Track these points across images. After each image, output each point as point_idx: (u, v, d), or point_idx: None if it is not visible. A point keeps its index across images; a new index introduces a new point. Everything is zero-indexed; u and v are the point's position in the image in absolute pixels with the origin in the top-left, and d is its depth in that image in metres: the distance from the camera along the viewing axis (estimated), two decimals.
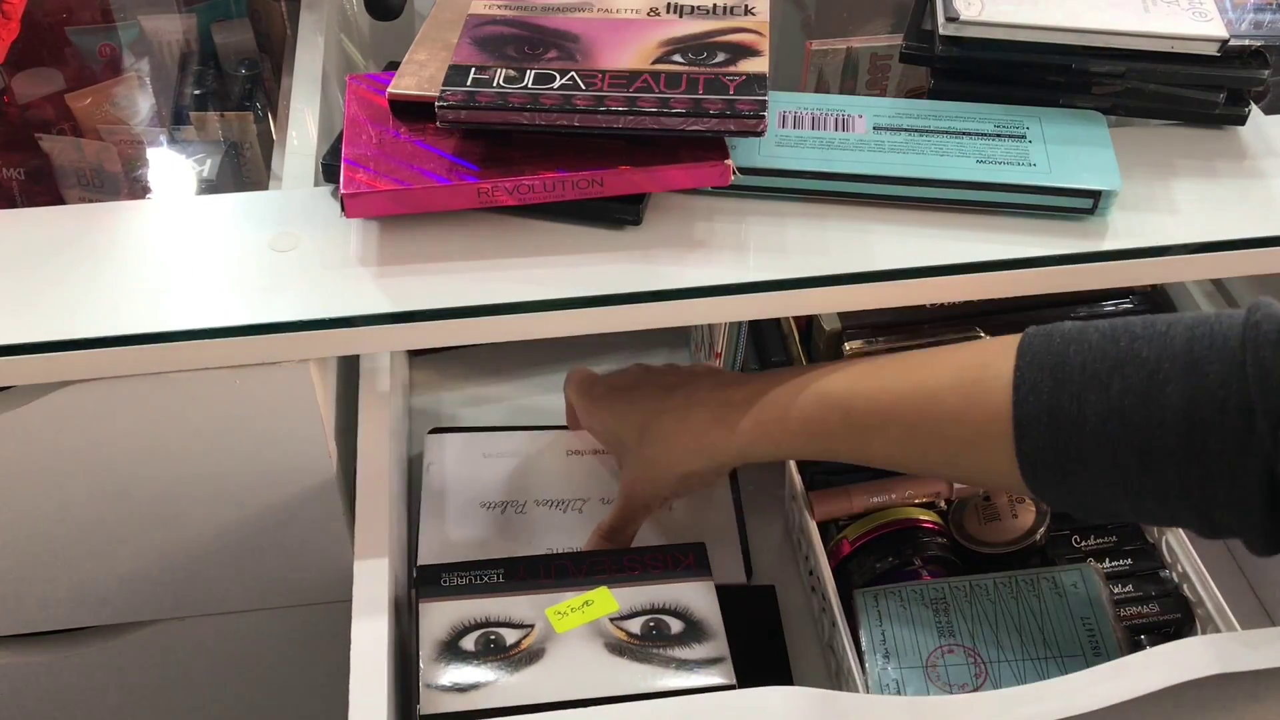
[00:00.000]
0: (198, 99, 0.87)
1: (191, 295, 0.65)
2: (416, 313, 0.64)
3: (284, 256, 0.68)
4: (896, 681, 0.68)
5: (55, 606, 0.80)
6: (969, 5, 0.71)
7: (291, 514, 0.76)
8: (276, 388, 0.68)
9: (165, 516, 0.75)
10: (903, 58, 0.75)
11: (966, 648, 0.69)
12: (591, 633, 0.66)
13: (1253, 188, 0.72)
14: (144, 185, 0.81)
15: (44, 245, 0.68)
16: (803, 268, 0.66)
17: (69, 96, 0.82)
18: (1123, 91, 0.73)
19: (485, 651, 0.64)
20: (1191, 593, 0.73)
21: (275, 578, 0.80)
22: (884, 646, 0.69)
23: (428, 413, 0.94)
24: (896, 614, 0.70)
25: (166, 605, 0.81)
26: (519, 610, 0.66)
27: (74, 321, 0.63)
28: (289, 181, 0.76)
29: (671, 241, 0.68)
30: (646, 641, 0.65)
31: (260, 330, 0.64)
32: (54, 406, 0.67)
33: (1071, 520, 0.77)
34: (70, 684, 0.86)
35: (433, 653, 0.64)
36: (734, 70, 0.66)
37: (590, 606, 0.67)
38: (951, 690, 0.67)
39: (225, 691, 0.89)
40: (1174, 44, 0.70)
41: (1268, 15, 0.73)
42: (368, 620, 0.64)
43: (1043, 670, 0.67)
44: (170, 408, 0.68)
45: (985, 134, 0.70)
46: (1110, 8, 0.72)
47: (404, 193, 0.65)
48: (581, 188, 0.66)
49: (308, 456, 0.72)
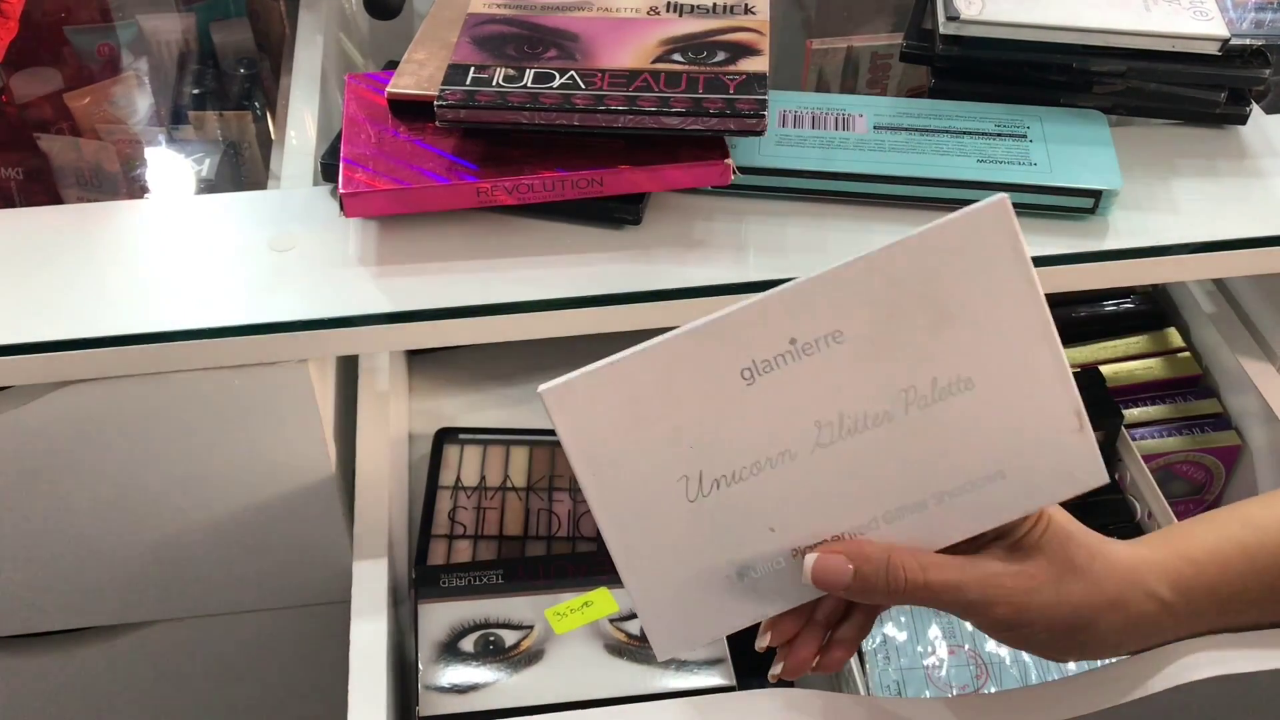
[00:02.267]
0: (196, 98, 0.87)
1: (190, 295, 0.65)
2: (415, 313, 0.64)
3: (283, 256, 0.67)
4: (897, 683, 0.67)
5: (55, 606, 0.80)
6: (969, 4, 0.71)
7: (290, 514, 0.76)
8: (275, 388, 0.68)
9: (164, 516, 0.75)
10: (903, 57, 0.75)
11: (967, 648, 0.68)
12: (591, 634, 0.65)
13: (1254, 187, 0.72)
14: (142, 185, 0.81)
15: (42, 245, 0.68)
16: (802, 268, 0.66)
17: (67, 96, 0.82)
18: (1123, 91, 0.73)
19: (485, 653, 0.64)
20: None
21: (274, 578, 0.80)
22: (884, 647, 0.69)
23: (427, 413, 0.94)
24: (897, 615, 0.70)
25: (166, 605, 0.81)
26: (518, 611, 0.66)
27: (73, 321, 0.63)
28: (288, 181, 0.76)
29: (671, 241, 0.68)
30: (645, 642, 0.65)
31: (259, 330, 0.63)
32: (53, 406, 0.67)
33: None
34: (70, 684, 0.86)
35: (432, 654, 0.64)
36: (734, 69, 0.66)
37: (590, 607, 0.66)
38: (952, 691, 0.67)
39: (224, 692, 0.89)
40: (1175, 43, 0.70)
41: (1269, 14, 0.73)
42: (367, 621, 0.64)
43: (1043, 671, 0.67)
44: (169, 408, 0.68)
45: (986, 133, 0.70)
46: (1111, 7, 0.72)
47: (403, 192, 0.65)
48: (581, 187, 0.66)
49: (307, 457, 0.72)
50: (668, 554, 0.48)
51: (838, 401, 0.47)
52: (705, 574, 0.49)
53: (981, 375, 0.47)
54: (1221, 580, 0.53)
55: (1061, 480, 0.49)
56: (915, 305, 0.46)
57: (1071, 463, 0.49)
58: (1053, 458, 0.49)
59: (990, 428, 0.48)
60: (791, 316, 0.46)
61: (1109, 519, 0.77)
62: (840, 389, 0.47)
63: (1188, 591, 0.53)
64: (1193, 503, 0.88)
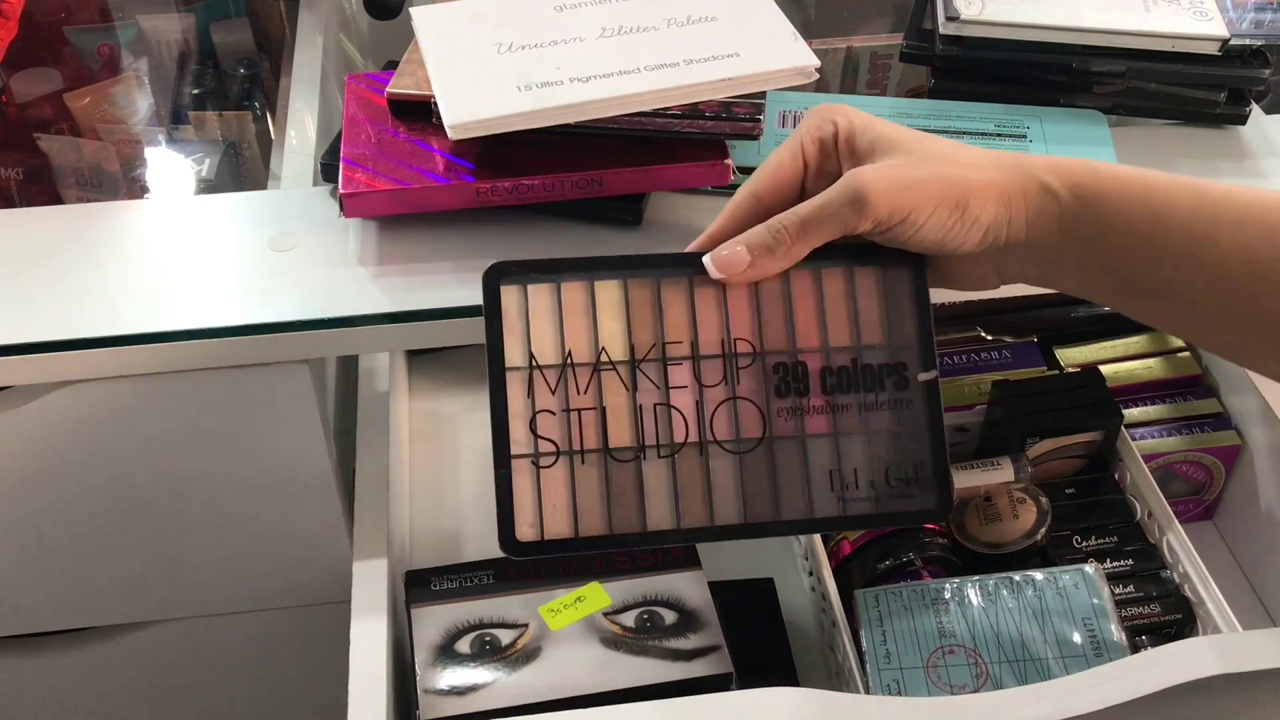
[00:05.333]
0: (196, 98, 0.87)
1: (190, 295, 0.65)
2: (415, 313, 0.64)
3: (282, 256, 0.67)
4: (897, 682, 0.67)
5: (55, 606, 0.80)
6: (969, 4, 0.71)
7: (290, 514, 0.76)
8: (275, 388, 0.68)
9: (164, 517, 0.75)
10: (903, 57, 0.75)
11: (967, 648, 0.68)
12: (586, 628, 0.66)
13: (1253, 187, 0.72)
14: (142, 185, 0.81)
15: (42, 245, 0.68)
16: None
17: (67, 96, 0.82)
18: (1123, 91, 0.73)
19: (481, 653, 0.64)
20: (1192, 593, 0.72)
21: (274, 578, 0.80)
22: (884, 647, 0.69)
23: (427, 413, 0.94)
24: (897, 614, 0.70)
25: (165, 605, 0.81)
26: (512, 610, 0.66)
27: (73, 321, 0.63)
28: (287, 181, 0.76)
29: (671, 241, 0.68)
30: (641, 634, 0.65)
31: (259, 330, 0.63)
32: (53, 406, 0.67)
33: (1072, 520, 0.77)
34: (70, 684, 0.86)
35: (429, 657, 0.64)
36: None
37: (583, 603, 0.67)
38: (952, 691, 0.67)
39: (224, 692, 0.89)
40: (1175, 43, 0.70)
41: (1268, 14, 0.73)
42: (366, 621, 0.64)
43: (1043, 671, 0.67)
44: (169, 408, 0.68)
45: (986, 133, 0.70)
46: (1111, 7, 0.72)
47: (403, 192, 0.65)
48: (581, 188, 0.66)
49: (306, 457, 0.72)
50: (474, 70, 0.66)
51: (619, 19, 0.68)
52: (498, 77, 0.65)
53: (723, 13, 0.68)
54: (1115, 192, 0.52)
55: (783, 58, 0.65)
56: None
57: (790, 51, 0.65)
58: (776, 47, 0.65)
59: (728, 34, 0.67)
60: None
61: (1109, 519, 0.77)
62: (621, 15, 0.69)
63: (1076, 187, 0.52)
64: (1193, 502, 0.88)
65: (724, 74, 0.64)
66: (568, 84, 0.64)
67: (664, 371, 0.56)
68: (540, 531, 0.54)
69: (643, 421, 0.56)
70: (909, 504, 0.55)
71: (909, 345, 0.56)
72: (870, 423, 0.56)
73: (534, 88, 0.64)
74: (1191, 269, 0.52)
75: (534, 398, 0.55)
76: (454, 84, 0.65)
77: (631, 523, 0.55)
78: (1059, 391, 0.79)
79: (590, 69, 0.64)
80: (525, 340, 0.55)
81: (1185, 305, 0.53)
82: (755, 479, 0.55)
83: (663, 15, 0.69)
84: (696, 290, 0.56)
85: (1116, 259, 0.53)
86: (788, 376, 0.56)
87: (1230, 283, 0.51)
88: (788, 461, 0.55)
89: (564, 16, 0.69)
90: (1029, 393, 0.79)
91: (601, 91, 0.63)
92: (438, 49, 0.68)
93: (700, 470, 0.56)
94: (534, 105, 0.63)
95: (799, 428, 0.56)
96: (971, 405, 0.85)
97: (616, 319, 0.56)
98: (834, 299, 0.56)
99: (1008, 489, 0.76)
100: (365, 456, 0.74)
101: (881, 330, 0.56)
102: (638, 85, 0.63)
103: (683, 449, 0.56)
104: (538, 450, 0.55)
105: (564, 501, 0.54)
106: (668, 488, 0.55)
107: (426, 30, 0.69)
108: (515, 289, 0.55)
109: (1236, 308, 0.52)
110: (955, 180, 0.52)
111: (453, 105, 0.63)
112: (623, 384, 0.56)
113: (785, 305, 0.56)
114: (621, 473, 0.55)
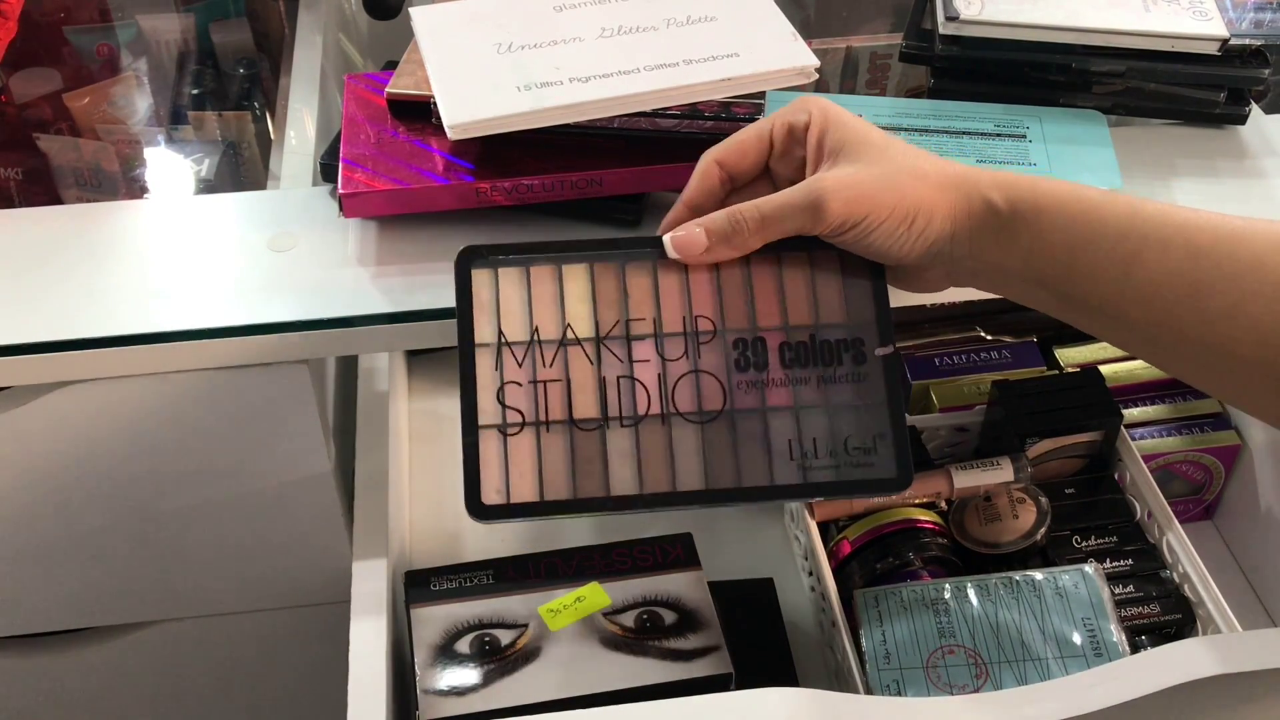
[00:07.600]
0: (196, 98, 0.87)
1: (189, 295, 0.65)
2: (415, 313, 0.64)
3: (282, 256, 0.67)
4: (897, 682, 0.67)
5: (55, 607, 0.80)
6: (969, 4, 0.71)
7: (290, 514, 0.76)
8: (274, 388, 0.68)
9: (164, 517, 0.75)
10: (903, 57, 0.75)
11: (967, 648, 0.68)
12: (586, 629, 0.65)
13: (1253, 187, 0.72)
14: (142, 185, 0.81)
15: (42, 245, 0.68)
16: None
17: (67, 96, 0.82)
18: (1123, 90, 0.73)
19: (481, 653, 0.64)
20: (1192, 593, 0.72)
21: (274, 578, 0.80)
22: (884, 647, 0.69)
23: (427, 413, 0.94)
24: (897, 614, 0.70)
25: (165, 606, 0.81)
26: (511, 610, 0.66)
27: (72, 322, 0.63)
28: (287, 181, 0.76)
29: None
30: (641, 634, 0.65)
31: (258, 330, 0.63)
32: (52, 406, 0.67)
33: (1072, 520, 0.77)
34: (70, 684, 0.86)
35: (428, 657, 0.64)
36: None
37: (582, 603, 0.67)
38: (952, 691, 0.67)
39: (224, 692, 0.89)
40: (1174, 43, 0.70)
41: (1268, 14, 0.73)
42: (366, 621, 0.64)
43: (1043, 671, 0.67)
44: (168, 408, 0.68)
45: (985, 133, 0.70)
46: (1111, 7, 0.72)
47: (402, 192, 0.65)
48: (580, 188, 0.66)
49: (306, 457, 0.72)
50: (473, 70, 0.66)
51: (618, 19, 0.68)
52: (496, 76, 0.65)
53: (722, 13, 0.68)
54: (1052, 208, 0.54)
55: (783, 59, 0.64)
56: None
57: (789, 51, 0.65)
58: (775, 48, 0.65)
59: (728, 34, 0.66)
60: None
61: (1109, 519, 0.77)
62: (621, 15, 0.68)
63: (1017, 202, 0.54)
64: (1192, 502, 0.88)
65: (723, 74, 0.64)
66: (567, 84, 0.64)
67: (628, 347, 0.59)
68: (506, 495, 0.56)
69: (607, 393, 0.58)
70: (869, 473, 0.58)
71: (867, 323, 0.59)
72: (830, 395, 0.58)
73: (533, 88, 0.63)
74: (1121, 288, 0.54)
75: (502, 370, 0.58)
76: (453, 84, 0.65)
77: (596, 488, 0.57)
78: (1059, 391, 0.79)
79: (590, 69, 0.64)
80: (495, 318, 0.59)
81: (1121, 323, 0.55)
82: (717, 448, 0.57)
83: (662, 15, 0.68)
84: (660, 271, 0.59)
85: (1053, 274, 0.55)
86: (747, 351, 0.58)
87: (1156, 303, 0.53)
88: (749, 431, 0.58)
89: (563, 16, 0.69)
90: (1029, 393, 0.79)
91: (601, 91, 0.63)
92: (437, 49, 0.68)
93: (663, 439, 0.58)
94: (533, 105, 0.63)
95: (760, 400, 0.58)
96: (971, 405, 0.85)
97: (583, 300, 0.59)
98: (794, 281, 0.59)
99: (1007, 489, 0.76)
100: (364, 457, 0.74)
101: (841, 310, 0.59)
102: (637, 85, 0.63)
103: (646, 419, 0.58)
104: (505, 420, 0.57)
105: (530, 468, 0.57)
106: (631, 455, 0.57)
107: (426, 30, 0.69)
108: (486, 271, 0.59)
109: (1164, 329, 0.53)
110: (909, 194, 0.54)
111: (452, 105, 0.63)
112: (588, 358, 0.59)
113: (746, 286, 0.59)
114: (586, 441, 0.58)
